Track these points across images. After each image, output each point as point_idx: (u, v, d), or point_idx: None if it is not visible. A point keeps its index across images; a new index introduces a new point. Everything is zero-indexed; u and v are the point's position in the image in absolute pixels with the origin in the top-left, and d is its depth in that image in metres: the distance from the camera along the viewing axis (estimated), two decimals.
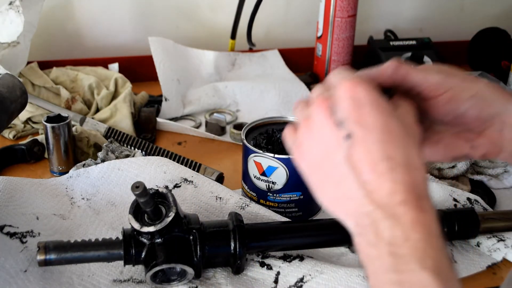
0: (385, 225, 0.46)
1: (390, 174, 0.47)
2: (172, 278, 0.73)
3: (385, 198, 0.46)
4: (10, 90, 0.87)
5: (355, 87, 0.49)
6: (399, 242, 0.45)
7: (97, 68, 1.26)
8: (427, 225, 0.45)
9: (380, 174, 0.47)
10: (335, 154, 0.49)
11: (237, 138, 1.11)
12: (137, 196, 0.67)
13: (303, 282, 0.74)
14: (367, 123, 0.48)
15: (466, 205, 0.87)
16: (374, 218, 0.46)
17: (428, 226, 0.45)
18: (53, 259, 0.69)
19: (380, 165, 0.47)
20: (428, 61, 1.35)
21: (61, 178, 0.91)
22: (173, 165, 0.90)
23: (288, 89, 1.27)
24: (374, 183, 0.47)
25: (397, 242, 0.45)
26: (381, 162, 0.47)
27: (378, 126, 0.48)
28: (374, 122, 0.48)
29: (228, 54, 1.37)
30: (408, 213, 0.45)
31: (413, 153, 0.48)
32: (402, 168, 0.47)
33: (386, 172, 0.47)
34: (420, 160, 0.48)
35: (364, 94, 0.48)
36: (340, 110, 0.49)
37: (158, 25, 1.42)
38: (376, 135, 0.47)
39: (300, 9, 1.49)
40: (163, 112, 1.18)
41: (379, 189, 0.47)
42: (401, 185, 0.46)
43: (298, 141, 0.53)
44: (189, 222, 0.73)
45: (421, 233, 0.45)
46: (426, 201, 0.47)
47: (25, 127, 1.11)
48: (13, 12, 1.12)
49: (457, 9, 1.60)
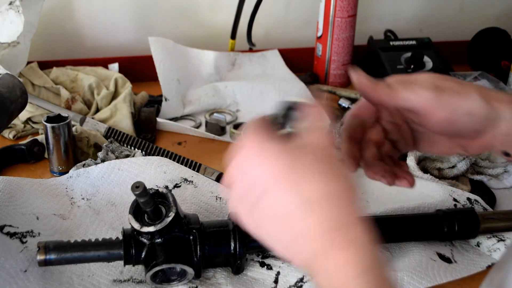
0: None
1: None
2: (172, 278, 0.73)
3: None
4: (10, 90, 0.87)
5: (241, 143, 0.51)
6: None
7: (97, 68, 1.26)
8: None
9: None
10: None
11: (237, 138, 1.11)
12: (137, 196, 0.67)
13: (303, 282, 0.74)
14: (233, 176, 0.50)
15: (466, 205, 0.87)
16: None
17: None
18: (53, 259, 0.69)
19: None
20: (428, 61, 1.35)
21: (61, 178, 0.91)
22: (173, 165, 0.90)
23: (288, 89, 1.26)
24: None
25: None
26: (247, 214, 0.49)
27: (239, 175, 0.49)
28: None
29: (228, 54, 1.37)
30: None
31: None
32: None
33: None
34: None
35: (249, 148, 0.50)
36: None
37: (158, 25, 1.42)
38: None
39: (300, 9, 1.49)
40: (163, 112, 1.18)
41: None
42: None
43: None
44: (189, 222, 0.73)
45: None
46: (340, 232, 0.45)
47: (25, 127, 1.11)
48: (13, 12, 1.12)
49: (457, 9, 1.60)
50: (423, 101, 0.56)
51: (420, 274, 0.74)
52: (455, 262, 0.79)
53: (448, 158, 0.96)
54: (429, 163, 0.97)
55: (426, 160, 0.97)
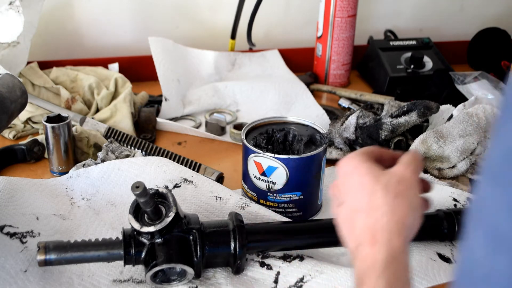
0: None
1: (355, 223, 0.58)
2: (172, 278, 0.73)
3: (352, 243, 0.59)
4: (10, 90, 0.87)
5: (343, 162, 0.62)
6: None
7: (97, 68, 1.26)
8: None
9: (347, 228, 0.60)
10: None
11: (237, 138, 1.11)
12: (137, 196, 0.67)
13: (303, 282, 0.74)
14: (346, 188, 0.61)
15: (466, 205, 0.87)
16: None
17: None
18: (53, 259, 0.69)
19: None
20: (428, 61, 1.35)
21: (61, 178, 0.91)
22: (173, 165, 0.90)
23: (288, 89, 1.26)
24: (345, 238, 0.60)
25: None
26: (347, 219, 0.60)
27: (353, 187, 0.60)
28: (351, 185, 0.60)
29: (228, 54, 1.37)
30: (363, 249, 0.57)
31: (377, 199, 0.57)
32: (363, 214, 0.58)
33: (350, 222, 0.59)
34: (379, 203, 0.57)
35: (351, 167, 0.60)
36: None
37: (158, 25, 1.42)
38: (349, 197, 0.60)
39: (300, 9, 1.49)
40: (163, 112, 1.18)
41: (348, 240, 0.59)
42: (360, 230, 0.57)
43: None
44: (189, 222, 0.73)
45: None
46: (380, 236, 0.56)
47: (25, 127, 1.11)
48: (13, 12, 1.12)
49: (457, 9, 1.60)
50: None
51: (420, 274, 0.74)
52: (455, 262, 0.79)
53: (448, 158, 0.96)
54: (429, 163, 0.97)
55: (426, 160, 0.97)
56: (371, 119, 1.01)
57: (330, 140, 1.03)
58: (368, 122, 1.00)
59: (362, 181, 0.59)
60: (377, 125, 0.99)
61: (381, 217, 0.56)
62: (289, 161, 0.82)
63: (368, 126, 1.00)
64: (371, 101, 1.21)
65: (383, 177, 0.58)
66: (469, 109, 1.03)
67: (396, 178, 0.58)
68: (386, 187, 0.57)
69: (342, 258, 0.80)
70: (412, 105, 0.99)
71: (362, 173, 0.59)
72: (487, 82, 1.20)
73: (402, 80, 1.31)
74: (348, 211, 0.59)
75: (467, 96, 1.17)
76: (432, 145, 0.97)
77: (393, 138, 1.00)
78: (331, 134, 1.03)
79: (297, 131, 0.90)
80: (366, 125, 1.00)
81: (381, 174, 0.58)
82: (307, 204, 0.87)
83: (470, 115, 1.01)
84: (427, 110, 0.98)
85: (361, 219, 0.57)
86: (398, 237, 0.55)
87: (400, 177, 0.58)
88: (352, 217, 0.58)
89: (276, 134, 0.90)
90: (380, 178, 0.58)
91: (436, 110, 1.00)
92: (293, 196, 0.85)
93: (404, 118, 0.98)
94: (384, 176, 0.58)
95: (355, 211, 0.58)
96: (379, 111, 1.08)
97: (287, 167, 0.83)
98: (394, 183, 0.57)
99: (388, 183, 0.57)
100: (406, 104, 1.01)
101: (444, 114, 1.08)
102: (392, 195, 0.57)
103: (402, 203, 0.57)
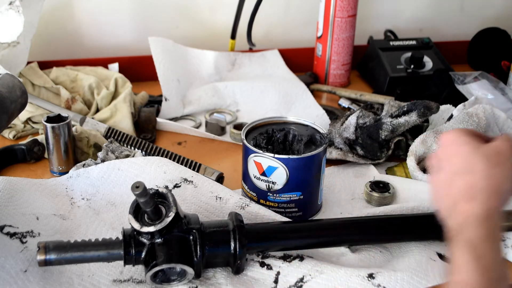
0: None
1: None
2: (172, 278, 0.73)
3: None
4: (10, 90, 0.87)
5: (445, 133, 0.67)
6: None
7: (97, 68, 1.26)
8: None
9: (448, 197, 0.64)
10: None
11: (237, 138, 1.11)
12: (137, 196, 0.67)
13: (303, 282, 0.74)
14: (447, 156, 0.66)
15: None
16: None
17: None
18: (53, 259, 0.69)
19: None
20: (428, 61, 1.35)
21: (61, 178, 0.91)
22: (173, 165, 0.90)
23: (288, 89, 1.26)
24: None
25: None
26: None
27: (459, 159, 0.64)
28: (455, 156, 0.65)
29: (228, 54, 1.37)
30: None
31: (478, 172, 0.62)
32: (463, 176, 0.63)
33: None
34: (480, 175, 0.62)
35: (451, 138, 0.66)
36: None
37: (158, 25, 1.42)
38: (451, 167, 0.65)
39: (300, 9, 1.49)
40: (163, 112, 1.18)
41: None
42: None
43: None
44: (189, 222, 0.73)
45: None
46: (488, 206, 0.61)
47: (25, 127, 1.11)
48: (13, 12, 1.12)
49: (457, 9, 1.60)
50: None
51: (420, 274, 0.74)
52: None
53: None
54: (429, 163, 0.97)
55: (426, 160, 0.97)
56: (371, 119, 1.01)
57: (330, 140, 1.03)
58: (368, 122, 1.00)
59: (464, 149, 0.64)
60: (377, 125, 0.99)
61: (480, 180, 0.62)
62: (289, 161, 0.82)
63: (368, 126, 1.00)
64: (371, 101, 1.21)
65: (483, 148, 0.64)
66: (469, 109, 1.03)
67: (496, 150, 0.64)
68: (486, 156, 0.63)
69: (342, 258, 0.80)
70: (412, 105, 0.99)
71: (463, 143, 0.65)
72: (487, 82, 1.20)
73: (402, 80, 1.31)
74: (447, 175, 0.65)
75: (467, 96, 1.17)
76: (432, 145, 0.97)
77: (393, 138, 1.00)
78: (331, 134, 1.03)
79: (297, 131, 0.90)
80: (366, 125, 1.00)
81: (481, 145, 0.64)
82: (307, 204, 0.87)
83: (470, 115, 1.01)
84: (427, 110, 0.98)
85: (461, 181, 0.63)
86: (494, 198, 0.61)
87: (499, 150, 0.64)
88: (451, 179, 0.64)
89: (276, 134, 0.90)
90: (480, 148, 0.64)
91: (436, 110, 1.00)
92: (293, 196, 0.85)
93: (404, 118, 0.98)
94: (484, 148, 0.64)
95: (454, 174, 0.64)
96: (379, 111, 1.08)
97: (287, 167, 0.83)
98: (494, 154, 0.63)
99: (488, 153, 0.63)
100: (406, 104, 1.01)
101: (444, 114, 1.08)
102: (492, 164, 0.62)
103: (501, 171, 0.62)
